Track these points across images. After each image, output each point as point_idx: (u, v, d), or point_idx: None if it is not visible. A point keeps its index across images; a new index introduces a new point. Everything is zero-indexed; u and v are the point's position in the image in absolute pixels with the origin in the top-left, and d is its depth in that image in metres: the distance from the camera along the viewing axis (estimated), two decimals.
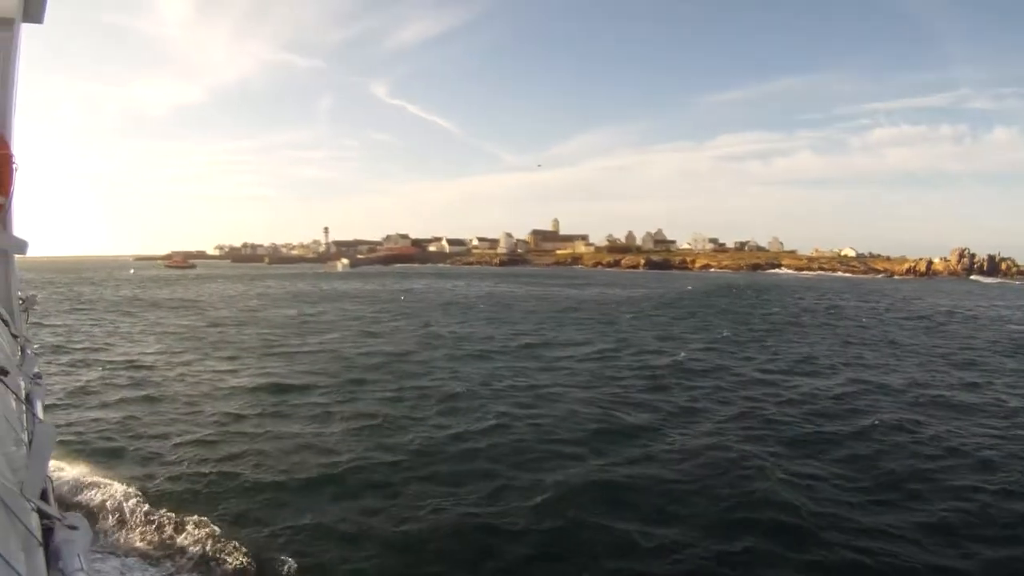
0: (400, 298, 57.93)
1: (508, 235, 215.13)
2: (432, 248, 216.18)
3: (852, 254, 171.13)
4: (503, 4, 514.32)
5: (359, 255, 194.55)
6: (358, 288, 72.48)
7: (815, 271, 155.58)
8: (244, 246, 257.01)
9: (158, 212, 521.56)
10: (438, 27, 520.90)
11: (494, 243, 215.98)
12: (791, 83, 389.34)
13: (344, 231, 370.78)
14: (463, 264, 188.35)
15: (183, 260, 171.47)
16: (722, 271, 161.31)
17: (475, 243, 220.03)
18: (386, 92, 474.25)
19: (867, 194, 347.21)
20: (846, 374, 20.76)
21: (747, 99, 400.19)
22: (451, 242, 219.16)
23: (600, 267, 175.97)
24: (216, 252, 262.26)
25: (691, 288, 77.33)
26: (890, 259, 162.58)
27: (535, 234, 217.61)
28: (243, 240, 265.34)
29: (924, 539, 8.71)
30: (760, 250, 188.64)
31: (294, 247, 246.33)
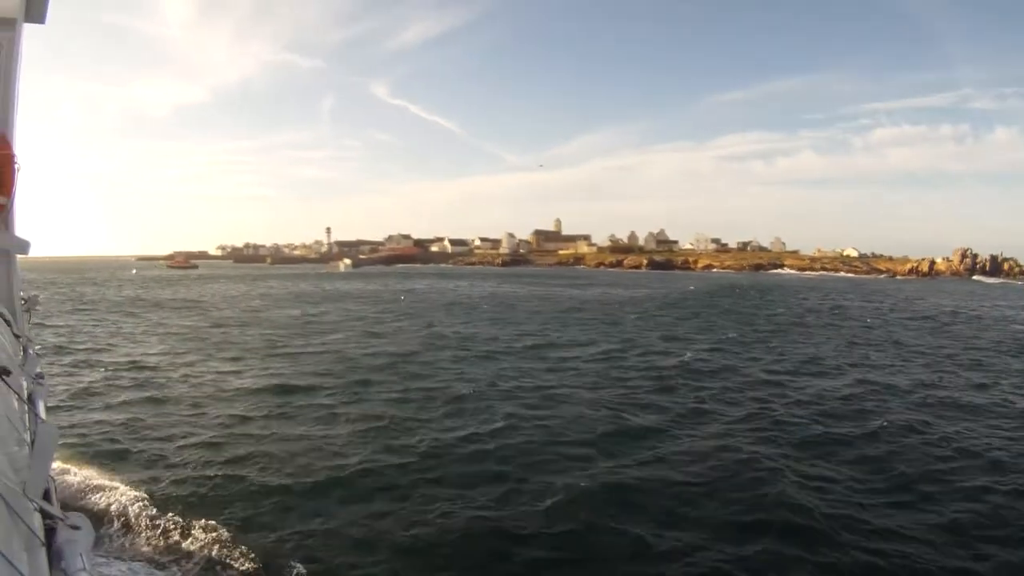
0: (400, 298, 57.85)
1: (510, 235, 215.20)
2: (434, 248, 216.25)
3: (854, 254, 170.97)
4: (504, 4, 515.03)
5: (361, 255, 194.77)
6: (361, 288, 72.39)
7: (818, 271, 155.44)
8: (246, 246, 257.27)
9: (160, 212, 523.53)
10: (439, 27, 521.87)
11: (496, 243, 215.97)
12: (792, 83, 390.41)
13: (346, 231, 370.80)
14: (465, 264, 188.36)
15: (185, 260, 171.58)
16: (724, 271, 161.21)
17: (477, 243, 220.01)
18: (387, 92, 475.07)
19: (869, 194, 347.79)
20: (853, 375, 20.61)
21: (749, 99, 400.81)
22: (453, 242, 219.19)
23: (602, 267, 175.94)
24: (218, 252, 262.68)
25: (693, 288, 77.20)
26: (892, 259, 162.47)
27: (537, 234, 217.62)
28: (245, 240, 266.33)
29: (937, 540, 8.63)
30: (762, 250, 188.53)
31: (296, 247, 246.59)
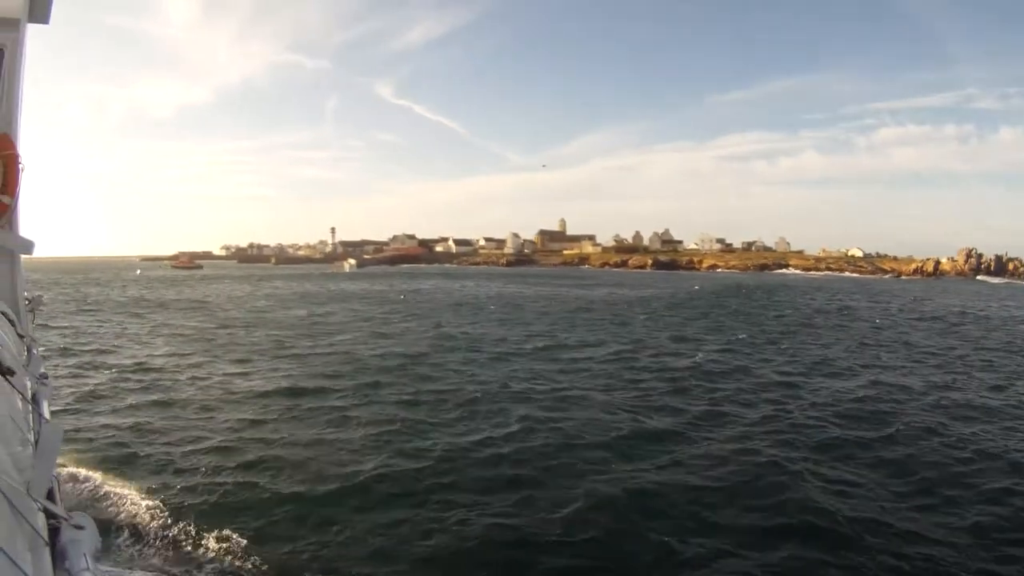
0: (401, 297, 57.79)
1: (515, 235, 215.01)
2: (439, 248, 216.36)
3: (859, 254, 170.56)
4: (506, 5, 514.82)
5: (366, 255, 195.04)
6: (366, 289, 72.23)
7: (822, 271, 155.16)
8: (250, 246, 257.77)
9: (164, 213, 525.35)
10: (443, 27, 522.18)
11: (501, 243, 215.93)
12: (794, 83, 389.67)
13: (350, 231, 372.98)
14: (470, 264, 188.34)
15: (189, 260, 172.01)
16: (729, 271, 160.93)
17: (482, 243, 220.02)
18: (391, 92, 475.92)
19: (873, 194, 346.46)
20: (866, 376, 20.33)
21: (750, 99, 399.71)
22: (458, 242, 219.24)
23: (607, 267, 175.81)
24: (222, 252, 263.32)
25: (699, 288, 77.09)
26: (897, 259, 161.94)
27: (542, 234, 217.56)
28: (249, 240, 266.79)
29: (960, 543, 8.46)
30: (767, 250, 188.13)
31: (300, 247, 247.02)
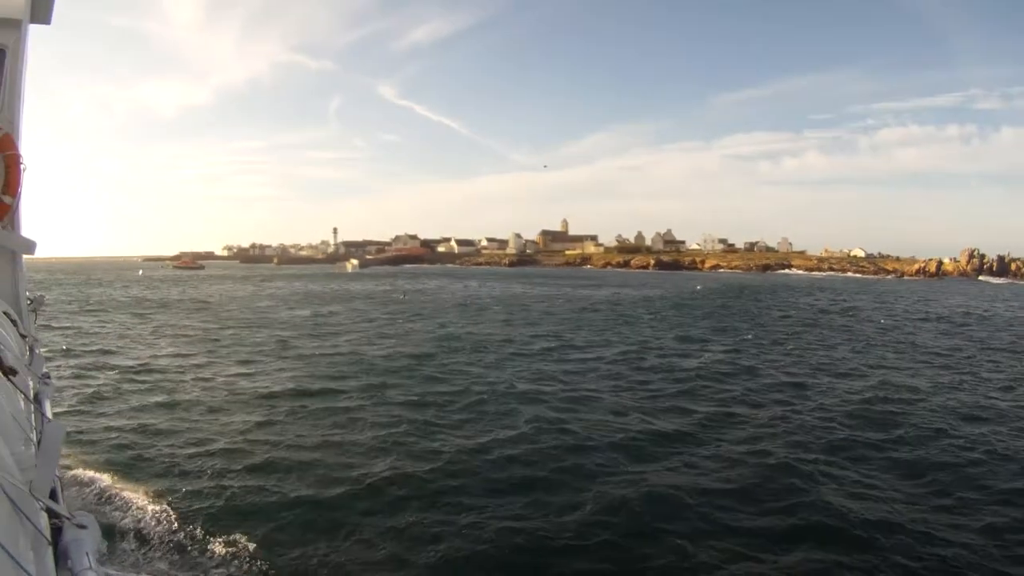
0: (401, 297, 57.72)
1: (517, 235, 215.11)
2: (441, 248, 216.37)
3: (862, 254, 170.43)
4: (508, 7, 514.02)
5: (368, 256, 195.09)
6: (370, 289, 72.19)
7: (825, 271, 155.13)
8: (253, 247, 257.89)
9: (166, 213, 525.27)
10: (447, 28, 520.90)
11: (503, 243, 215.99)
12: (798, 83, 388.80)
13: (353, 232, 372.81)
14: (472, 264, 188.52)
15: (192, 261, 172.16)
16: (732, 271, 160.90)
17: (484, 243, 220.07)
18: (395, 93, 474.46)
19: (876, 194, 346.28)
20: (874, 377, 20.20)
21: (754, 99, 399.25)
22: (460, 242, 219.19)
23: (609, 267, 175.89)
24: (225, 253, 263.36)
25: (700, 288, 77.11)
26: (900, 260, 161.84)
27: (544, 234, 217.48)
28: (252, 241, 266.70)
29: (975, 544, 8.36)
30: (770, 250, 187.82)
31: (303, 248, 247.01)
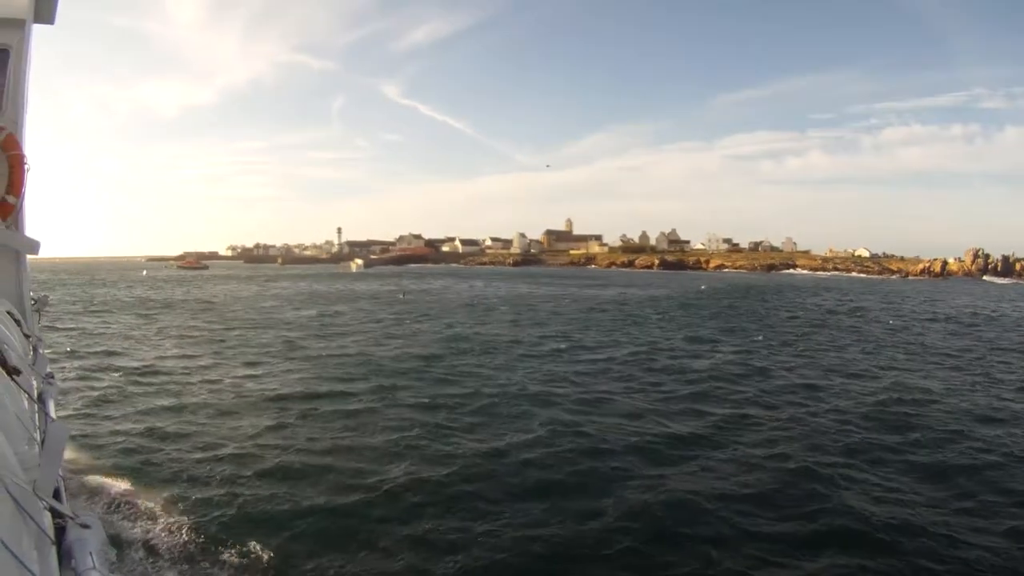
0: (407, 297, 57.66)
1: (522, 235, 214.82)
2: (445, 248, 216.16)
3: (866, 254, 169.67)
4: (510, 7, 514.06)
5: (372, 255, 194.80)
6: (375, 289, 72.14)
7: (830, 271, 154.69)
8: (256, 247, 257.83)
9: (170, 213, 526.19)
10: (449, 27, 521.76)
11: (507, 243, 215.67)
12: (801, 82, 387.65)
13: (356, 231, 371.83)
14: (477, 264, 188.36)
15: (196, 261, 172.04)
16: (737, 271, 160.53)
17: (488, 243, 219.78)
18: (398, 93, 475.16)
19: (879, 194, 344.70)
20: (887, 379, 20.09)
21: (757, 99, 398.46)
22: (464, 242, 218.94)
23: (614, 267, 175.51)
24: (229, 253, 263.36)
25: (704, 288, 76.91)
26: (904, 259, 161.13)
27: (549, 234, 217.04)
28: (255, 241, 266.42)
29: (998, 547, 8.30)
30: (774, 250, 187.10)
31: (307, 248, 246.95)
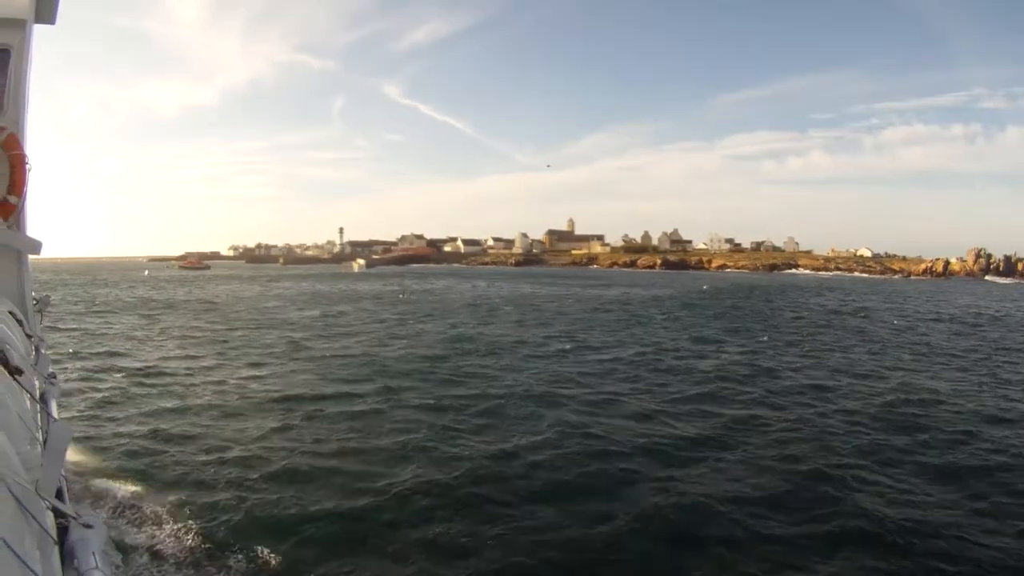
0: (400, 296, 57.51)
1: (524, 235, 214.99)
2: (447, 248, 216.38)
3: (868, 254, 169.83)
4: (511, 7, 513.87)
5: (374, 255, 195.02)
6: (378, 289, 71.99)
7: (832, 271, 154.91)
8: (258, 247, 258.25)
9: (171, 213, 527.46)
10: (450, 27, 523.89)
11: (509, 243, 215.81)
12: (802, 82, 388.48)
13: (358, 231, 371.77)
14: (479, 264, 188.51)
15: (197, 261, 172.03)
16: (739, 271, 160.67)
17: (490, 243, 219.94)
18: (399, 93, 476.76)
19: (880, 194, 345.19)
20: (894, 379, 19.91)
21: (758, 99, 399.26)
22: (466, 242, 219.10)
23: (616, 267, 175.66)
24: (230, 253, 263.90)
25: (706, 288, 76.94)
26: (906, 259, 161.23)
27: (551, 234, 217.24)
28: (257, 241, 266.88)
29: (1013, 549, 8.19)
30: (776, 250, 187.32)
31: (309, 248, 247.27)
